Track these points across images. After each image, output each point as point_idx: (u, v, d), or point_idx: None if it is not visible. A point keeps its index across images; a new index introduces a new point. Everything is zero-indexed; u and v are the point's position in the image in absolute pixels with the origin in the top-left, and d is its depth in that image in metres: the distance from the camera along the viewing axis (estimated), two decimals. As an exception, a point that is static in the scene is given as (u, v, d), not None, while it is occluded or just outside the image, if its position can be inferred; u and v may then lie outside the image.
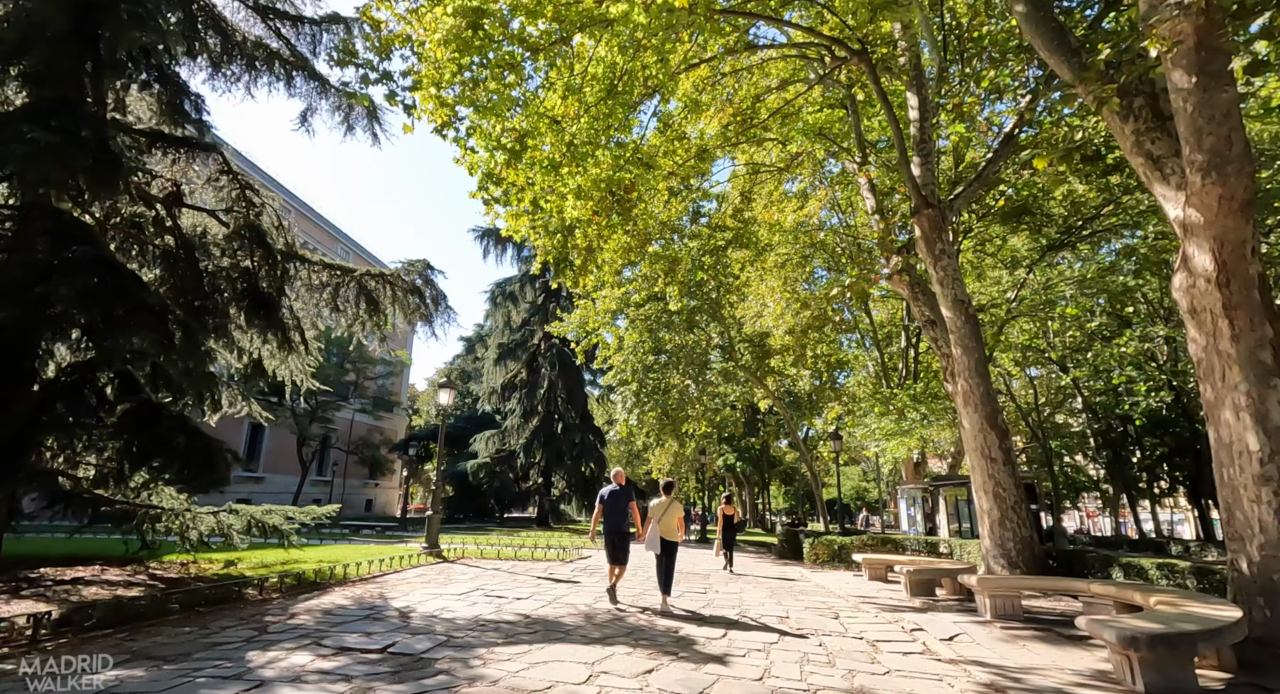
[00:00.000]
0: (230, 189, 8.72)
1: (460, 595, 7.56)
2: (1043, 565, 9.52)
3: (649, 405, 18.47)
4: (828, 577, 11.48)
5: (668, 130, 13.37)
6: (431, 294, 9.78)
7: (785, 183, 19.49)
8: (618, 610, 7.09)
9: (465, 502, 26.66)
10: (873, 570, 11.01)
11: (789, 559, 15.52)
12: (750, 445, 29.39)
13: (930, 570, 8.96)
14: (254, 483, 29.90)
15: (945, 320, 10.60)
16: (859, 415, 22.01)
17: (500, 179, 10.86)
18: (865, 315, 23.72)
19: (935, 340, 11.11)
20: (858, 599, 8.59)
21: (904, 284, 11.79)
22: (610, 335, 20.42)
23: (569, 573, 10.53)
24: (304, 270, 9.28)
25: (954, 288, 10.50)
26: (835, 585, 10.12)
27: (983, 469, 9.83)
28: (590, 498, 26.23)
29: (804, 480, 49.01)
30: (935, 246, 10.72)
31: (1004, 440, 9.93)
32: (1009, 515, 9.50)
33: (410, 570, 9.80)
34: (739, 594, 8.87)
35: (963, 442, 10.33)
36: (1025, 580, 6.70)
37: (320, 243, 33.91)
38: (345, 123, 10.48)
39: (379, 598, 7.22)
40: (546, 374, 25.68)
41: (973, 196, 11.56)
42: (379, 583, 8.43)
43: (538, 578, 9.66)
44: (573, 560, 12.58)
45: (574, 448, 24.82)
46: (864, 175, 13.10)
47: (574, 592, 8.35)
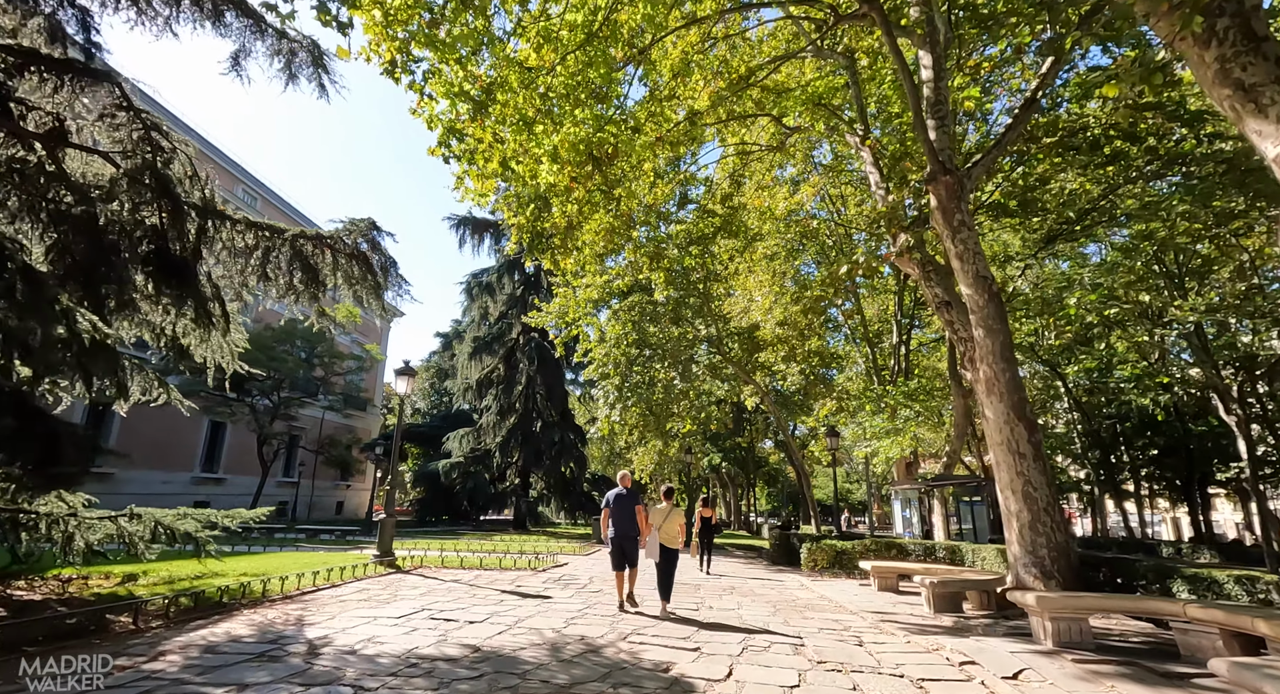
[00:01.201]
0: (131, 129, 7.15)
1: (399, 619, 6.06)
2: (1081, 576, 8.27)
3: (632, 400, 17.05)
4: (831, 586, 10.14)
5: (654, 96, 11.98)
6: (380, 261, 8.27)
7: (777, 168, 18.25)
8: (595, 640, 5.65)
9: (437, 504, 24.96)
10: (883, 580, 9.70)
11: (782, 565, 14.18)
12: (737, 445, 28.10)
13: (955, 582, 7.65)
14: (214, 484, 27.87)
15: (965, 299, 9.35)
16: (851, 413, 20.84)
17: (464, 135, 9.41)
18: (857, 311, 22.62)
19: (951, 323, 9.86)
20: (875, 617, 7.25)
21: (914, 263, 10.54)
22: (591, 328, 18.99)
23: (540, 585, 9.06)
24: (225, 230, 7.72)
25: (975, 262, 9.26)
26: (843, 598, 8.78)
27: (1009, 466, 8.58)
28: (570, 499, 24.72)
29: (788, 481, 47.91)
30: (953, 217, 9.48)
31: (1033, 433, 8.69)
32: (1041, 518, 8.25)
33: (351, 584, 8.25)
34: (737, 611, 7.48)
35: (986, 435, 9.07)
36: (1097, 599, 5.40)
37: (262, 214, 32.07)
38: (287, 70, 8.92)
39: (293, 624, 5.69)
40: (525, 369, 24.11)
41: (991, 165, 10.37)
42: (305, 602, 6.88)
43: (502, 592, 8.17)
44: (546, 569, 11.09)
45: (553, 447, 23.27)
46: (867, 148, 11.89)
47: (543, 611, 6.88)
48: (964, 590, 7.73)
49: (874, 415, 19.53)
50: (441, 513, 25.38)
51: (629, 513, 7.21)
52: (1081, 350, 25.14)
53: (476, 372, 24.31)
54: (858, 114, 12.27)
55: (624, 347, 18.20)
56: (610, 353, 18.14)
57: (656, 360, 18.28)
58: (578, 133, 9.92)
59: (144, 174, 7.01)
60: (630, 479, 7.66)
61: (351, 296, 8.29)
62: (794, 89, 13.47)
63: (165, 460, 25.60)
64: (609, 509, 7.28)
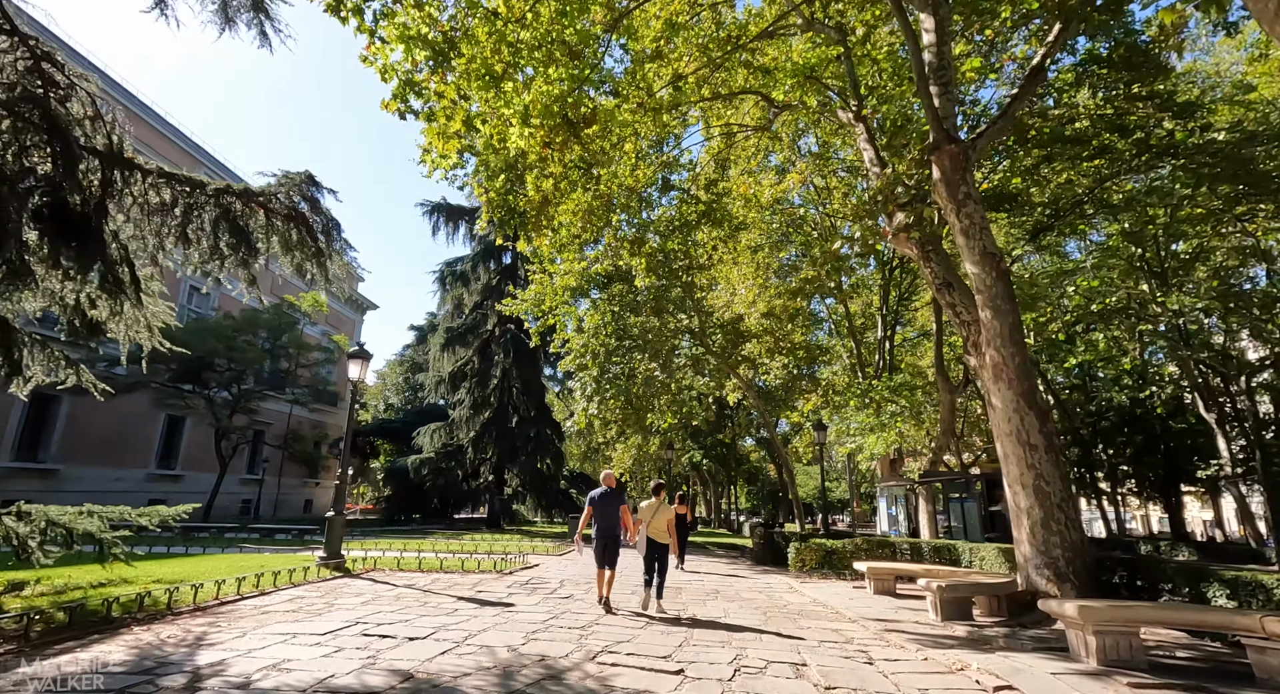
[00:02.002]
0: (18, 58, 5.99)
1: (324, 636, 5.01)
2: (1098, 578, 7.51)
3: (610, 393, 16.07)
4: (822, 589, 9.29)
5: (636, 61, 11.01)
6: (321, 223, 7.18)
7: (764, 155, 17.42)
8: (557, 662, 4.67)
9: (407, 502, 23.65)
10: (879, 582, 8.86)
11: (767, 565, 13.33)
12: (718, 442, 27.27)
13: (965, 586, 6.83)
14: (170, 481, 26.26)
15: (971, 278, 8.56)
16: (836, 408, 20.13)
17: (423, 89, 8.36)
18: (843, 303, 21.95)
19: (952, 306, 9.07)
20: (879, 626, 6.38)
21: (911, 243, 9.73)
22: (569, 318, 17.98)
23: (504, 590, 8.04)
24: (137, 183, 6.58)
25: (981, 238, 8.47)
26: (838, 603, 7.92)
27: (1019, 458, 7.81)
28: (547, 497, 23.64)
29: (768, 480, 47.32)
30: (958, 190, 8.69)
31: (1045, 422, 7.92)
32: (1054, 515, 7.48)
33: (283, 592, 7.15)
34: (724, 619, 6.55)
35: (993, 426, 8.29)
36: (1151, 610, 4.56)
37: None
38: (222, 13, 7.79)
39: (188, 645, 4.62)
40: (500, 362, 22.98)
41: (997, 137, 9.61)
42: (219, 615, 5.79)
43: (458, 599, 7.15)
44: (513, 571, 10.07)
45: (529, 442, 22.17)
46: (861, 124, 11.08)
47: (501, 622, 5.88)
48: (973, 595, 6.90)
49: (859, 410, 18.86)
50: (412, 511, 24.10)
51: (613, 513, 7.03)
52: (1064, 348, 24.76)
53: (449, 364, 23.10)
54: (850, 88, 11.47)
55: (603, 337, 17.22)
56: (589, 343, 17.15)
57: (637, 351, 17.33)
58: (550, 92, 8.91)
59: (30, 110, 5.85)
60: (614, 479, 7.45)
61: (289, 264, 7.20)
62: (783, 67, 12.65)
63: (117, 456, 23.96)
64: (592, 507, 7.11)
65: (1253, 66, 18.60)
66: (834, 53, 11.80)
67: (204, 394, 22.40)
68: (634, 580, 9.21)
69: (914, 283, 22.50)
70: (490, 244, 23.32)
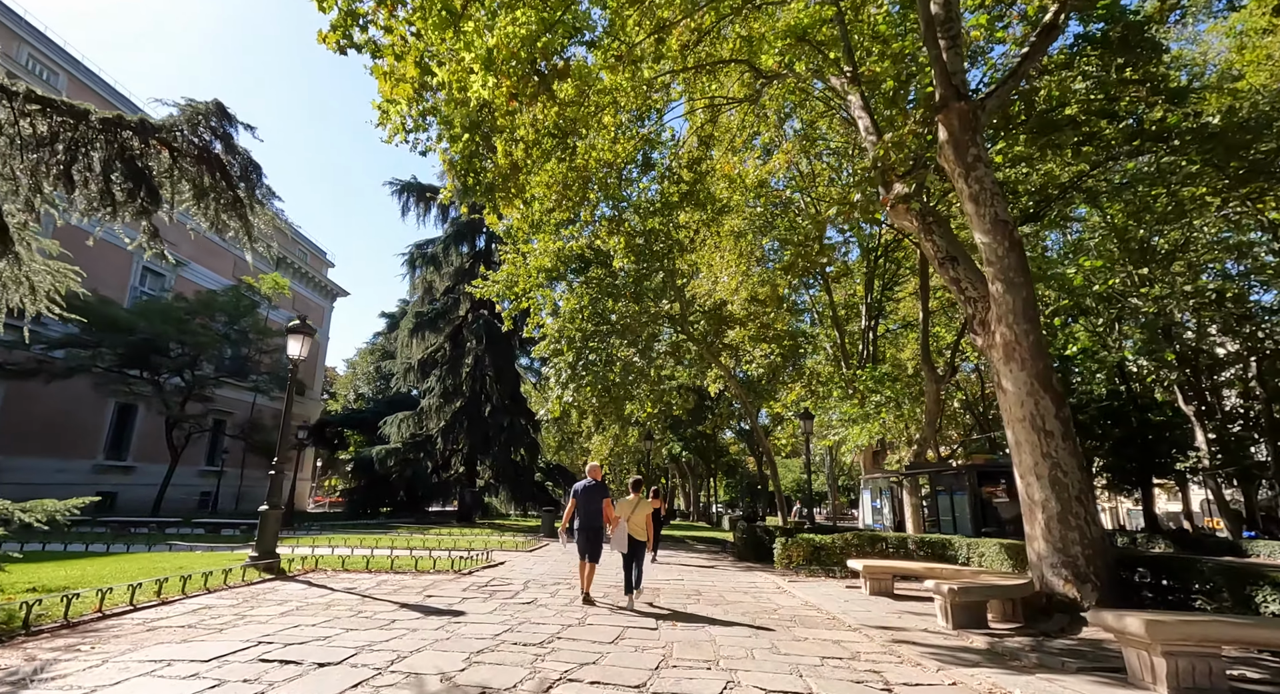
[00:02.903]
0: None
1: (206, 665, 3.93)
2: (1120, 579, 6.74)
3: (587, 379, 15.04)
4: (813, 589, 8.41)
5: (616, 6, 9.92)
6: (237, 165, 6.01)
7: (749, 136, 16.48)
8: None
9: (372, 494, 22.31)
10: (876, 582, 8.01)
11: (750, 562, 12.46)
12: (698, 433, 26.41)
13: (979, 589, 5.97)
14: (121, 473, 24.54)
15: (981, 248, 7.70)
16: (820, 397, 19.38)
17: (369, 21, 7.22)
18: (827, 291, 21.23)
19: (957, 281, 8.21)
20: (884, 636, 5.49)
21: (911, 214, 8.86)
22: (544, 301, 16.87)
23: (457, 594, 7.00)
24: (3, 109, 5.36)
25: (993, 204, 7.62)
26: (834, 606, 7.03)
27: (1033, 445, 6.99)
28: (520, 489, 22.53)
29: (747, 472, 46.75)
30: (967, 152, 7.82)
31: (1061, 407, 7.11)
32: (1073, 508, 6.68)
33: (192, 601, 6.01)
34: (707, 629, 5.61)
35: (1003, 410, 7.46)
36: (1238, 628, 3.68)
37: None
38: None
39: (14, 681, 3.51)
40: (472, 349, 21.74)
41: (1006, 98, 8.77)
42: (91, 633, 4.66)
43: (401, 607, 6.09)
44: (474, 571, 9.03)
45: (502, 432, 21.02)
46: (855, 92, 10.19)
47: (442, 638, 4.85)
48: (989, 599, 6.06)
49: (843, 401, 18.17)
50: (379, 504, 22.80)
51: (596, 505, 6.90)
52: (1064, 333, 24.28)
53: (419, 350, 21.81)
54: (844, 54, 10.57)
55: (580, 321, 16.16)
56: (564, 328, 16.08)
57: (615, 337, 16.32)
58: (517, 34, 7.81)
59: None
60: (599, 472, 7.36)
61: (203, 216, 6.03)
62: (773, 29, 11.71)
63: (62, 446, 22.24)
64: (575, 500, 7.00)
65: (1240, 54, 18.21)
66: (828, 13, 10.86)
67: (154, 380, 20.81)
68: (613, 575, 8.25)
69: (898, 273, 21.92)
70: (463, 226, 22.05)
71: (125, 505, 23.72)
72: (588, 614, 6.14)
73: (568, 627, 5.50)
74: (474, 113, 9.59)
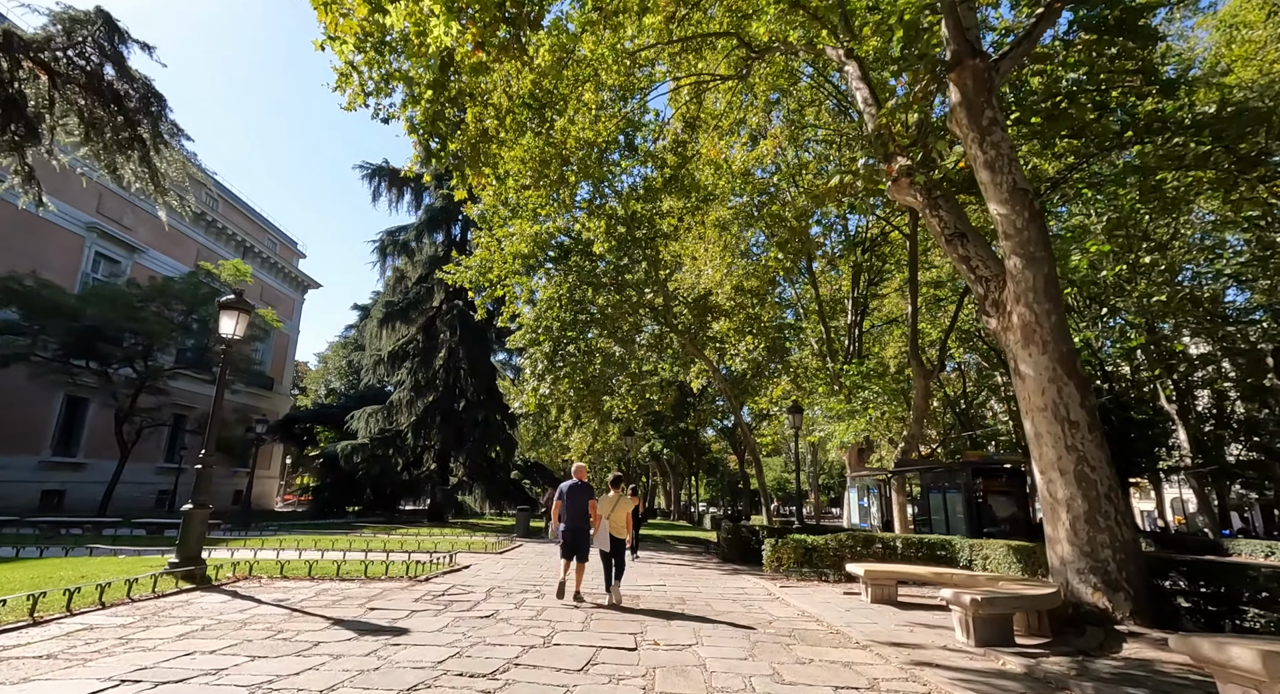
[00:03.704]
0: None
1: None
2: (1155, 587, 5.99)
3: (564, 371, 14.08)
4: (808, 596, 7.57)
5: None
6: (137, 96, 4.97)
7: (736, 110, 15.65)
8: None
9: (340, 493, 20.99)
10: (878, 588, 7.19)
11: (736, 564, 11.61)
12: (680, 430, 25.55)
13: (1004, 600, 5.15)
14: (70, 470, 22.86)
15: (997, 221, 6.92)
16: (806, 393, 18.67)
17: (310, -56, 6.19)
18: (812, 285, 20.59)
19: (966, 259, 7.43)
20: (900, 656, 4.65)
21: (915, 189, 8.09)
22: (520, 289, 15.85)
23: (407, 606, 6.01)
24: None
25: (1010, 171, 6.85)
26: (834, 616, 6.18)
27: (1055, 438, 6.22)
28: (495, 487, 21.42)
29: (728, 471, 46.09)
30: (981, 115, 7.04)
31: (1087, 395, 6.35)
32: (1102, 507, 5.93)
33: (74, 619, 4.94)
34: (694, 648, 4.71)
35: (1020, 400, 6.67)
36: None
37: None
38: None
39: None
40: (446, 341, 20.59)
41: (1018, 61, 8.02)
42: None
43: (333, 624, 5.09)
44: (433, 577, 8.02)
45: (476, 427, 19.90)
46: (853, 61, 9.43)
47: (369, 668, 3.87)
48: (1016, 611, 5.25)
49: (829, 397, 17.52)
50: (346, 503, 21.50)
51: (582, 505, 6.85)
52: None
53: (389, 342, 20.59)
54: (841, 22, 9.80)
55: (557, 310, 15.18)
56: (542, 317, 15.09)
57: (595, 327, 15.37)
58: (484, -31, 6.84)
59: None
60: (585, 472, 7.32)
61: (95, 155, 4.97)
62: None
63: (3, 442, 20.60)
64: (561, 501, 6.96)
65: (1229, 49, 17.94)
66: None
67: (103, 371, 19.29)
68: (589, 578, 7.32)
69: (883, 269, 21.42)
70: (437, 212, 20.89)
71: (74, 504, 22.13)
72: (555, 631, 5.20)
73: (529, 649, 4.56)
74: (437, 70, 8.61)
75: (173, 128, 5.18)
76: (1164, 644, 4.86)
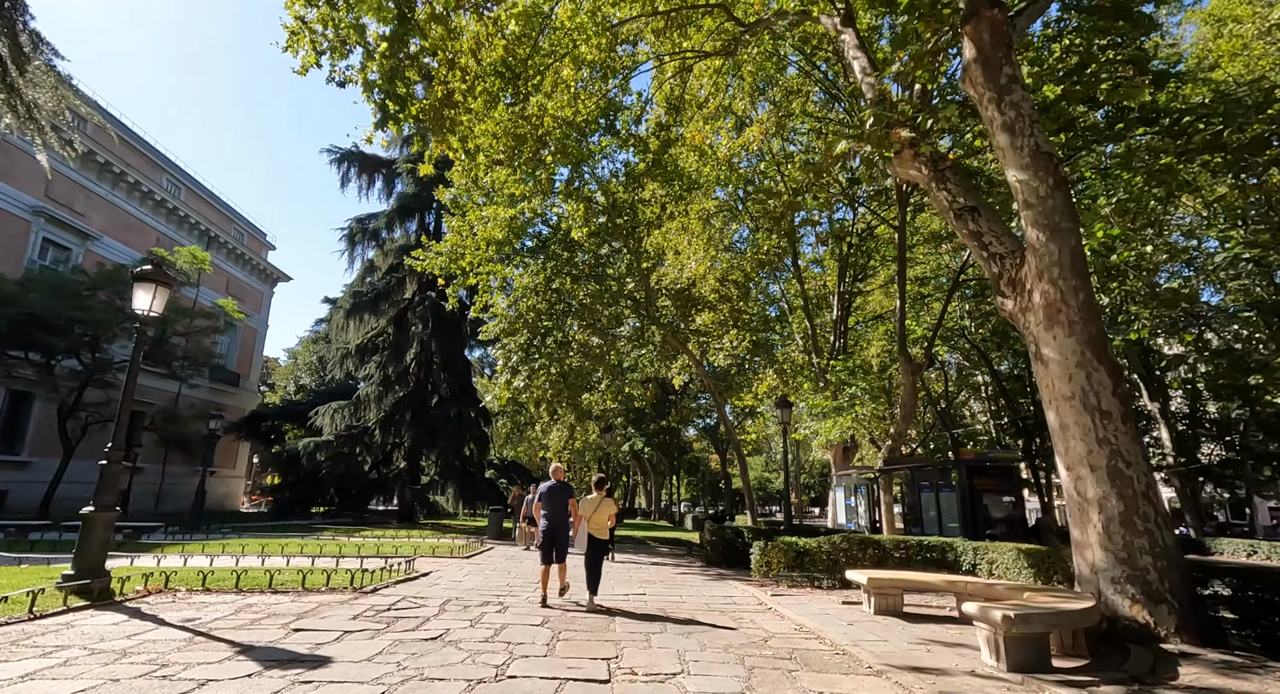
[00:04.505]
0: None
1: None
2: (1197, 598, 5.27)
3: (539, 361, 13.13)
4: (803, 606, 6.74)
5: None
6: None
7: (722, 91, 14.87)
8: None
9: (303, 493, 19.64)
10: (883, 598, 6.39)
11: (721, 568, 10.77)
12: (664, 427, 24.68)
13: (1042, 616, 4.36)
14: (13, 469, 21.19)
15: (1017, 189, 6.16)
16: (792, 389, 17.96)
17: None
18: (796, 280, 19.95)
19: (978, 235, 6.68)
20: (922, 683, 3.82)
21: (919, 161, 7.36)
22: (494, 277, 14.85)
23: (339, 626, 5.04)
24: None
25: (1032, 133, 6.11)
26: (836, 632, 5.36)
27: (1084, 429, 5.48)
28: (469, 487, 20.30)
29: (709, 470, 45.37)
30: (999, 72, 6.30)
31: (1119, 381, 5.62)
32: (1139, 507, 5.20)
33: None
34: (679, 679, 3.84)
35: (1042, 388, 5.92)
36: None
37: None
38: None
39: None
40: (418, 334, 19.47)
41: (1034, 19, 7.31)
42: None
43: (237, 653, 4.11)
44: (383, 587, 7.03)
45: (448, 424, 18.80)
46: (850, 30, 8.69)
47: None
48: (1054, 629, 4.47)
49: (815, 394, 16.86)
50: (310, 503, 20.20)
51: (561, 506, 6.76)
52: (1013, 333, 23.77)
53: (357, 334, 19.40)
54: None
55: (533, 299, 14.22)
56: (516, 305, 14.12)
57: (573, 317, 14.45)
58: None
59: None
60: (563, 472, 7.15)
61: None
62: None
63: (-64, 439, 18.97)
64: (539, 502, 6.86)
65: (1216, 43, 17.69)
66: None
67: (45, 362, 17.82)
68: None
69: (868, 265, 20.93)
70: (409, 199, 19.74)
71: (18, 505, 20.50)
72: (513, 657, 4.29)
73: (477, 684, 3.64)
74: (394, 21, 7.67)
75: (34, 37, 4.12)
76: (1226, 669, 4.12)
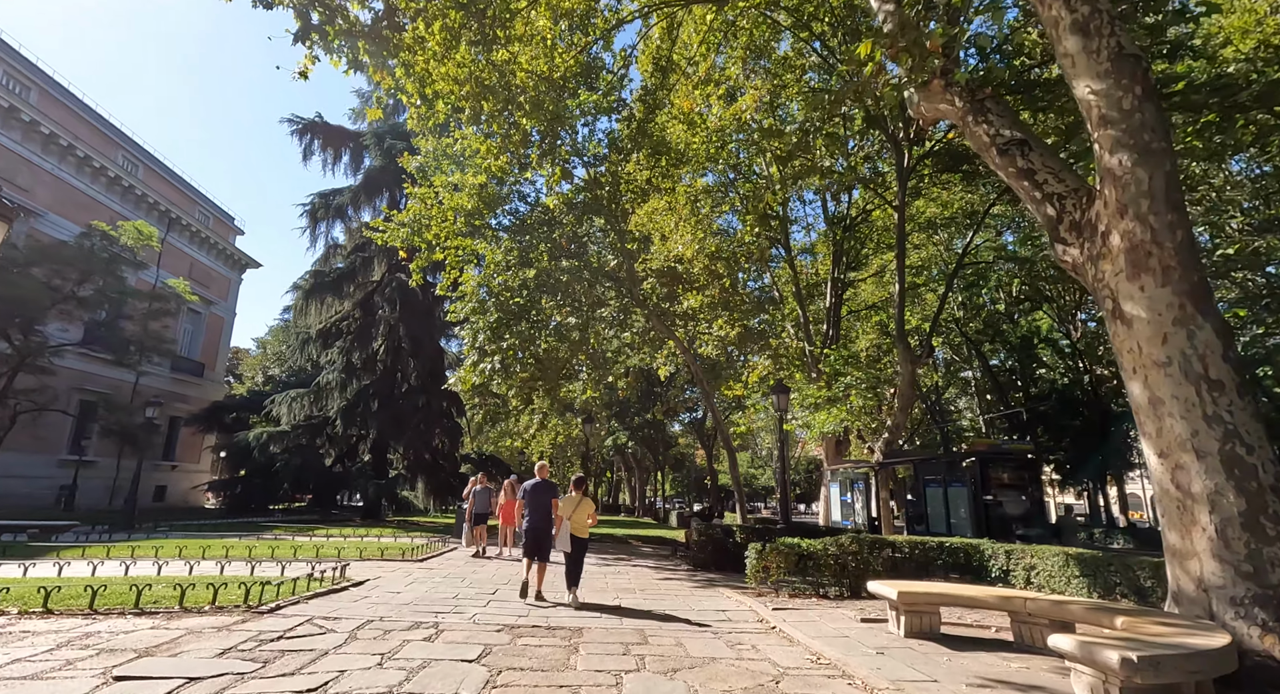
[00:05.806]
0: None
1: None
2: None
3: (510, 341, 11.68)
4: (815, 626, 5.38)
5: None
6: None
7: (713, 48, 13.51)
8: None
9: (256, 488, 17.88)
10: (915, 616, 5.05)
11: (711, 572, 9.39)
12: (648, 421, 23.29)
13: (1174, 658, 3.02)
14: (-53, 462, 19.22)
15: (1092, 105, 4.81)
16: (787, 375, 16.71)
17: None
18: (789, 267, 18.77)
19: (1030, 173, 5.37)
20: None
21: (953, 91, 6.06)
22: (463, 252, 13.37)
23: (189, 668, 3.57)
24: None
25: (1113, 31, 4.79)
26: (867, 669, 3.99)
27: (1186, 404, 4.17)
28: (439, 481, 18.78)
29: (694, 466, 44.10)
30: (1066, -37, 5.01)
31: (1230, 344, 4.31)
32: (1266, 505, 3.92)
33: None
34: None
35: (1122, 352, 4.62)
36: None
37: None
38: None
39: None
40: (385, 317, 17.89)
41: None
42: None
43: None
44: (286, 605, 5.55)
45: (416, 413, 17.27)
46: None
47: None
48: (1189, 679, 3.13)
49: (808, 384, 15.69)
50: (267, 500, 18.47)
51: (544, 504, 6.66)
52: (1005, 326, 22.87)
53: (318, 318, 17.76)
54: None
55: (505, 275, 12.76)
56: (487, 279, 12.65)
57: (549, 294, 13.01)
58: None
59: None
60: (548, 470, 7.03)
61: None
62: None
63: None
64: (523, 500, 6.83)
65: (1228, 19, 16.78)
66: None
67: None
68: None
69: (861, 252, 19.86)
70: (376, 174, 18.12)
71: (-48, 501, 18.55)
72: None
73: None
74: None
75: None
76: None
